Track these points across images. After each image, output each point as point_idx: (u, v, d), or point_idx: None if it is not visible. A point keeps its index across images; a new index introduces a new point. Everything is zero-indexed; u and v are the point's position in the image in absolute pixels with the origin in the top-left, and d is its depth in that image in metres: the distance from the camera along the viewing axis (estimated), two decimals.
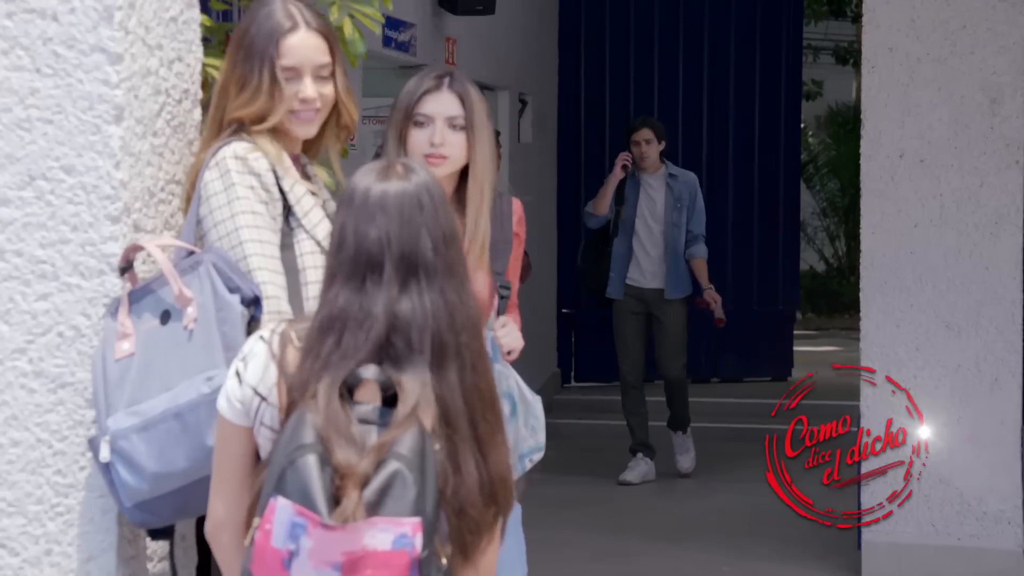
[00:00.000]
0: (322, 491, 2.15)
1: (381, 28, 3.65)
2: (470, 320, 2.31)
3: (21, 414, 2.87)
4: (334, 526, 2.13)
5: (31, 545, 2.88)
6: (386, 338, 2.26)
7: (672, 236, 8.40)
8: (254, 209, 2.82)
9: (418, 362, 2.25)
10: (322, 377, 2.24)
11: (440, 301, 2.28)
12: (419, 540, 2.13)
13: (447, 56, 9.08)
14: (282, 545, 2.15)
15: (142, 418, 2.65)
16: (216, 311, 2.67)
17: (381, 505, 2.14)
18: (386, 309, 2.26)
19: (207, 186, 2.84)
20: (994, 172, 6.01)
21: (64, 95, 2.85)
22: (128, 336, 2.73)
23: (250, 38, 2.91)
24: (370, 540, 2.12)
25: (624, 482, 8.23)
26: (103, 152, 2.84)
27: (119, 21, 2.84)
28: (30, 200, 2.86)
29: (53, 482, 2.87)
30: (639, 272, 8.43)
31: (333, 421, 2.20)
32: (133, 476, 2.66)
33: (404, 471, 2.14)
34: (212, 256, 2.73)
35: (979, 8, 6.01)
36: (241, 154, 2.85)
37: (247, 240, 2.79)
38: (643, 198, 8.47)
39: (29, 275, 2.87)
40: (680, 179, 8.56)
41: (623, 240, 8.44)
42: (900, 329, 6.12)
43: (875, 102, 6.16)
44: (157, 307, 2.73)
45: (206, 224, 2.84)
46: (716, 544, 6.92)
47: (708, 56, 11.75)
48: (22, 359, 2.87)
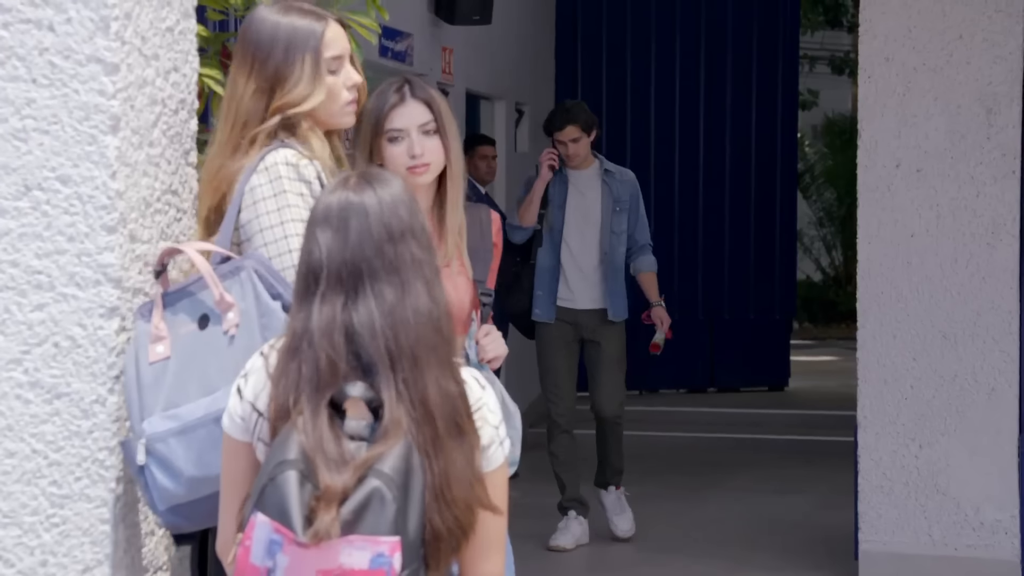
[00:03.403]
0: (299, 508, 2.11)
1: (378, 38, 3.64)
2: (415, 318, 2.24)
3: (17, 425, 2.86)
4: (307, 544, 2.09)
5: (26, 556, 2.87)
6: (348, 353, 2.22)
7: (611, 245, 6.96)
8: (303, 217, 2.77)
9: (381, 372, 2.22)
10: (301, 396, 2.22)
11: (382, 306, 2.23)
12: (397, 560, 2.09)
13: (444, 65, 9.09)
14: (260, 562, 2.13)
15: (181, 422, 2.65)
16: (259, 317, 2.67)
17: (358, 523, 2.10)
18: (334, 325, 2.22)
19: (255, 191, 2.83)
20: (991, 182, 6.01)
21: (60, 105, 2.84)
22: (163, 339, 2.73)
23: (283, 39, 2.91)
24: (346, 559, 2.09)
25: (556, 548, 6.87)
26: (99, 162, 2.84)
27: (115, 31, 2.84)
28: (26, 210, 2.86)
29: (48, 493, 2.86)
30: (568, 290, 6.98)
31: (319, 439, 2.17)
32: (170, 479, 2.66)
33: (383, 489, 2.10)
34: (253, 262, 2.73)
35: (975, 18, 6.02)
36: (292, 161, 2.85)
37: (296, 249, 2.75)
38: (572, 200, 7.00)
39: (25, 285, 2.86)
40: (618, 177, 7.07)
41: (549, 251, 6.98)
42: (897, 339, 6.12)
43: (872, 112, 6.16)
44: (195, 311, 2.73)
45: (250, 228, 2.83)
46: (713, 554, 6.91)
47: (704, 65, 11.77)
48: (18, 370, 2.86)
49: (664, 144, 11.63)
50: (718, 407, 11.14)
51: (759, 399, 11.69)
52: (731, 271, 11.88)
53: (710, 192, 11.79)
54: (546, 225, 6.94)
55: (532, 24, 11.10)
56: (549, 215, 6.94)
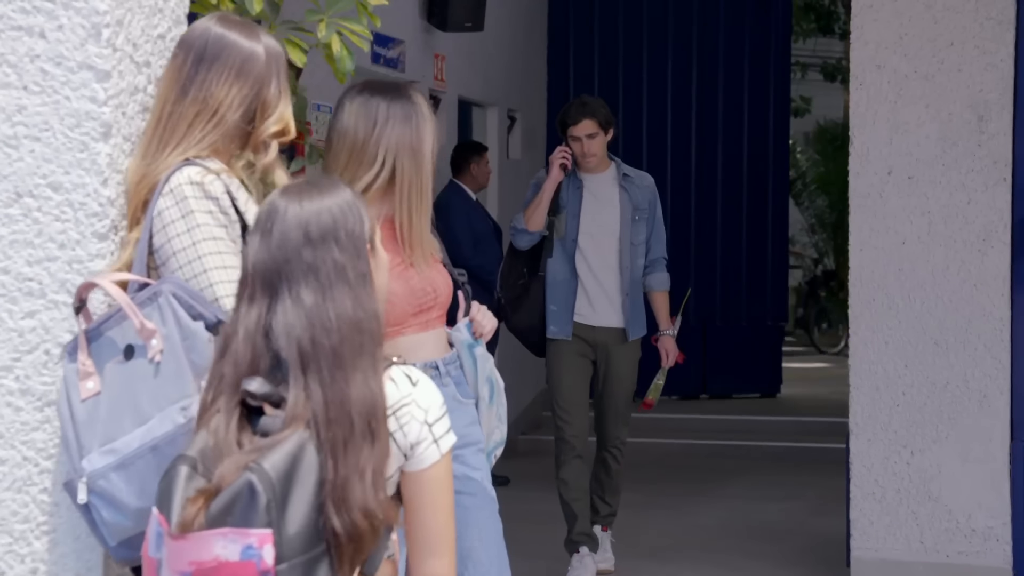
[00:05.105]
0: (180, 501, 2.16)
1: (369, 45, 3.64)
2: (337, 320, 2.27)
3: (7, 432, 2.86)
4: (177, 535, 2.14)
5: (17, 564, 2.86)
6: (267, 354, 2.27)
7: (632, 258, 6.43)
8: (215, 235, 2.77)
9: (291, 371, 2.25)
10: (221, 394, 2.27)
11: (300, 308, 2.26)
12: (268, 552, 2.11)
13: (436, 72, 9.09)
14: (154, 554, 2.20)
15: (118, 456, 2.63)
16: (182, 340, 2.64)
17: (228, 515, 2.13)
18: (258, 326, 2.27)
19: (163, 215, 2.78)
20: (982, 189, 6.02)
21: (51, 112, 2.84)
22: (91, 375, 2.70)
23: (239, 61, 2.87)
24: (221, 551, 2.12)
25: None
26: (90, 169, 2.83)
27: (107, 39, 2.84)
28: (17, 217, 2.85)
29: (39, 500, 2.86)
30: (588, 306, 6.41)
31: (222, 436, 2.22)
32: (116, 514, 2.64)
33: (255, 482, 2.13)
34: (170, 286, 2.69)
35: (967, 25, 6.03)
36: (196, 179, 2.78)
37: (211, 268, 2.75)
38: (588, 207, 6.42)
39: (16, 293, 2.86)
40: (636, 182, 6.51)
41: (562, 263, 6.38)
42: (888, 346, 6.12)
43: (863, 119, 6.17)
44: (119, 343, 2.69)
45: (164, 253, 2.78)
46: (705, 561, 6.91)
47: (697, 73, 11.79)
48: (8, 377, 2.86)
49: (656, 151, 11.64)
50: (710, 414, 11.13)
51: (751, 406, 11.69)
52: (723, 278, 11.89)
53: (702, 199, 11.80)
54: (557, 233, 6.36)
55: (524, 31, 11.11)
56: (562, 223, 6.35)
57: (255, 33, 2.93)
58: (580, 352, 6.43)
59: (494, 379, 3.74)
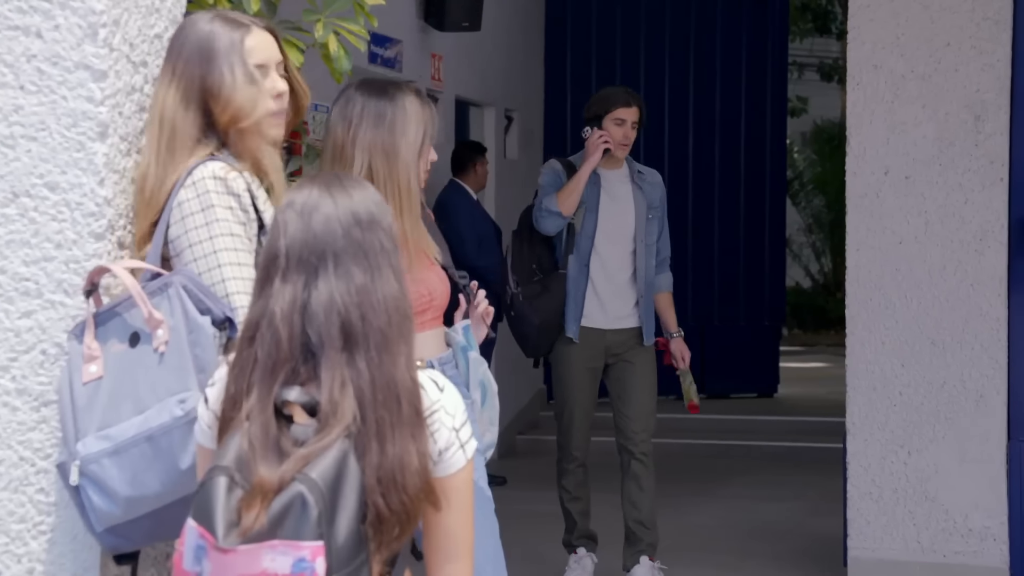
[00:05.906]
0: (223, 513, 2.10)
1: (367, 44, 3.64)
2: (384, 302, 2.24)
3: (4, 432, 2.86)
4: (227, 549, 2.08)
5: (13, 564, 2.86)
6: (302, 334, 2.21)
7: (646, 258, 6.22)
8: (232, 231, 2.78)
9: (331, 354, 2.20)
10: (251, 394, 2.20)
11: (350, 285, 2.22)
12: (320, 565, 2.06)
13: (433, 72, 9.09)
14: (191, 567, 2.12)
15: (113, 442, 2.63)
16: (188, 333, 2.65)
17: (280, 528, 2.08)
18: (295, 305, 2.21)
19: (183, 206, 2.79)
20: (979, 189, 6.02)
21: (48, 112, 2.84)
22: (95, 359, 2.71)
23: (203, 48, 2.85)
24: (270, 564, 2.07)
25: None
26: (87, 169, 2.83)
27: (103, 38, 2.84)
28: (13, 217, 2.85)
29: (36, 500, 2.86)
30: (599, 308, 6.18)
31: (261, 441, 2.15)
32: (105, 500, 2.64)
33: (305, 493, 2.08)
34: (181, 278, 2.70)
35: (963, 26, 6.03)
36: (220, 174, 2.80)
37: (225, 263, 2.75)
38: (605, 204, 6.18)
39: (12, 292, 2.86)
40: (648, 179, 6.30)
41: (578, 261, 6.15)
42: (885, 346, 6.12)
43: (860, 119, 6.17)
44: (125, 330, 2.70)
45: (179, 244, 2.79)
46: (702, 561, 6.91)
47: (694, 72, 11.79)
48: (5, 377, 2.86)
49: (653, 151, 11.64)
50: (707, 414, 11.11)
51: (748, 406, 11.69)
52: (720, 278, 11.89)
53: (699, 199, 11.80)
54: (577, 231, 6.11)
55: (522, 31, 11.11)
56: (580, 217, 6.08)
57: (214, 18, 2.89)
58: (588, 365, 6.22)
59: (487, 383, 3.74)
